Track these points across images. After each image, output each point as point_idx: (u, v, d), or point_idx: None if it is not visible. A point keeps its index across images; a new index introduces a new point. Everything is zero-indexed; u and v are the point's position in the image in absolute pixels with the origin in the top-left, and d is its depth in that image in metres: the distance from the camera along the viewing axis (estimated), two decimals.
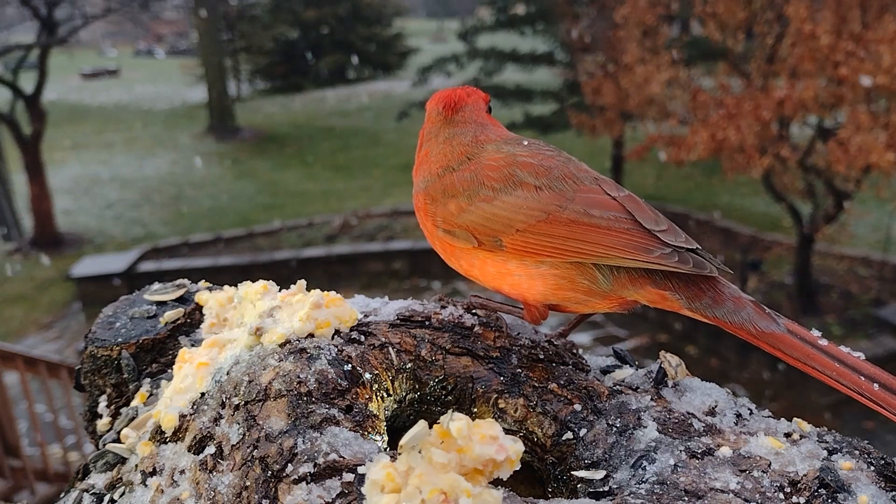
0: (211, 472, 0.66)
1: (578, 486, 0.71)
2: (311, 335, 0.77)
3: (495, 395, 0.80)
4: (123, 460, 0.75)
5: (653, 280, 0.76)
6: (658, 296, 0.76)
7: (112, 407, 0.85)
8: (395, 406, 0.79)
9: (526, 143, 0.86)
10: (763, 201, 9.47)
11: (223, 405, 0.71)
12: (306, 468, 0.62)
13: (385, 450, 0.69)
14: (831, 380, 0.71)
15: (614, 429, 0.73)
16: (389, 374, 0.78)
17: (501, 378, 0.80)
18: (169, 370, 0.84)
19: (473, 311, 0.87)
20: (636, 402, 0.76)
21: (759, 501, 0.62)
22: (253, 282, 0.89)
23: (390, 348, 0.80)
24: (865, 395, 0.69)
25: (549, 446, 0.76)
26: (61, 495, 0.76)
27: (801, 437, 0.71)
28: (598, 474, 0.70)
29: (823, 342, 0.73)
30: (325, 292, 0.82)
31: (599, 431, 0.74)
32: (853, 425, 5.56)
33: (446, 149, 0.86)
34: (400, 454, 0.58)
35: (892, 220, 8.12)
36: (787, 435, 0.71)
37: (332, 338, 0.78)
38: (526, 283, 0.80)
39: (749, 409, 0.76)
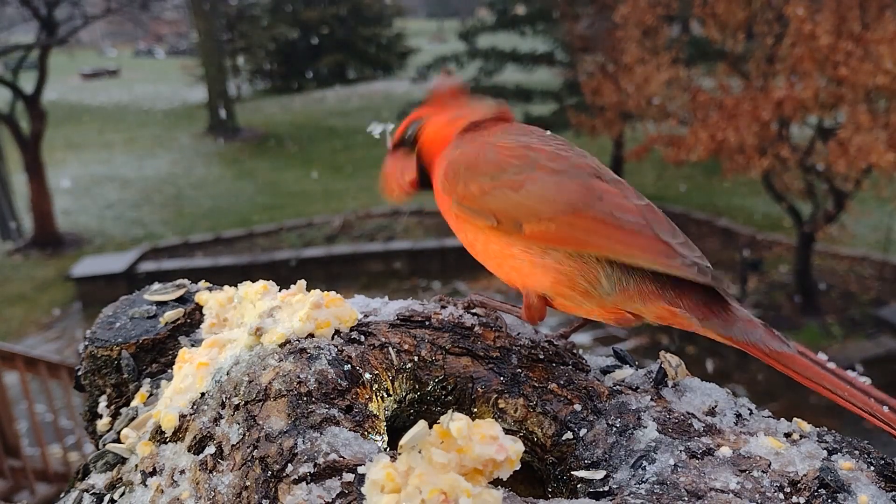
0: (211, 472, 0.66)
1: (578, 486, 0.71)
2: (311, 335, 0.77)
3: (495, 395, 0.80)
4: (123, 460, 0.75)
5: (664, 296, 0.75)
6: (668, 312, 0.75)
7: (112, 407, 0.85)
8: (395, 406, 0.79)
9: (533, 133, 0.86)
10: (763, 201, 9.47)
11: (223, 405, 0.71)
12: (306, 468, 0.62)
13: (385, 450, 0.69)
14: (843, 400, 0.70)
15: (614, 429, 0.74)
16: (389, 374, 0.78)
17: (501, 378, 0.80)
18: (169, 370, 0.84)
19: (473, 310, 0.87)
20: (636, 402, 0.76)
21: (759, 501, 0.62)
22: (253, 282, 0.89)
23: (390, 348, 0.80)
24: (877, 416, 0.69)
25: (549, 446, 0.76)
26: (61, 495, 0.76)
27: (801, 437, 0.71)
28: (598, 474, 0.70)
29: (831, 365, 0.72)
30: (325, 292, 0.82)
31: (599, 431, 0.74)
32: (853, 425, 5.55)
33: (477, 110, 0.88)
34: (400, 454, 0.58)
35: (892, 220, 8.12)
36: (787, 435, 0.71)
37: (332, 338, 0.78)
38: (527, 269, 0.79)
39: (749, 409, 0.77)
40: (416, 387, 0.81)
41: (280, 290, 0.86)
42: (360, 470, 0.61)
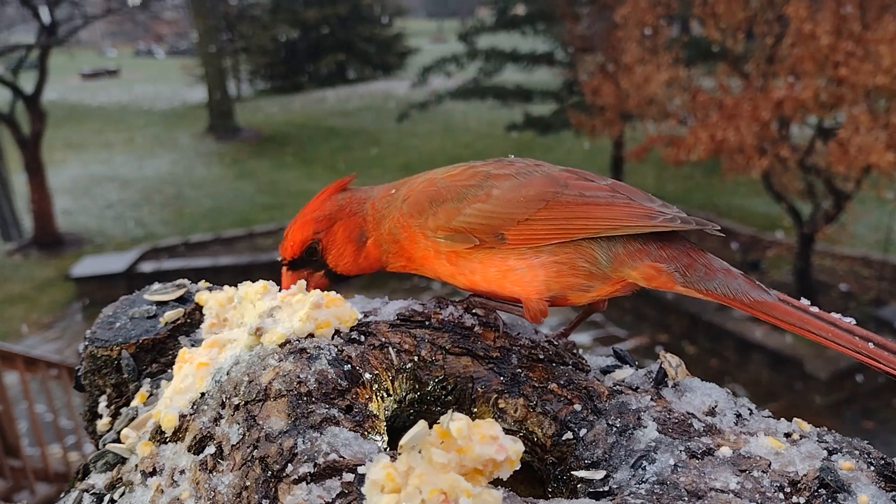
0: (211, 472, 0.66)
1: (578, 486, 0.71)
2: (311, 335, 0.77)
3: (495, 395, 0.80)
4: (123, 460, 0.75)
5: (648, 252, 0.78)
6: (654, 269, 0.78)
7: (112, 407, 0.85)
8: (395, 406, 0.79)
9: (463, 164, 0.89)
10: (763, 201, 9.47)
11: (223, 405, 0.71)
12: (306, 468, 0.62)
13: (385, 450, 0.69)
14: (828, 341, 0.72)
15: (614, 429, 0.73)
16: (389, 374, 0.78)
17: (501, 378, 0.80)
18: (169, 370, 0.84)
19: (473, 311, 0.87)
20: (636, 402, 0.76)
21: (759, 501, 0.62)
22: (253, 282, 0.89)
23: (390, 348, 0.80)
24: (863, 353, 0.71)
25: (549, 446, 0.76)
26: (61, 495, 0.76)
27: (801, 437, 0.71)
28: (598, 474, 0.70)
29: (814, 309, 0.74)
30: (325, 292, 0.82)
31: (599, 431, 0.74)
32: (853, 425, 5.55)
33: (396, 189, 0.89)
34: (400, 454, 0.58)
35: (892, 220, 8.12)
36: (787, 435, 0.71)
37: (332, 338, 0.78)
38: (528, 274, 0.80)
39: (749, 409, 0.77)
40: (416, 387, 0.81)
41: (280, 290, 0.86)
42: (360, 470, 0.61)
